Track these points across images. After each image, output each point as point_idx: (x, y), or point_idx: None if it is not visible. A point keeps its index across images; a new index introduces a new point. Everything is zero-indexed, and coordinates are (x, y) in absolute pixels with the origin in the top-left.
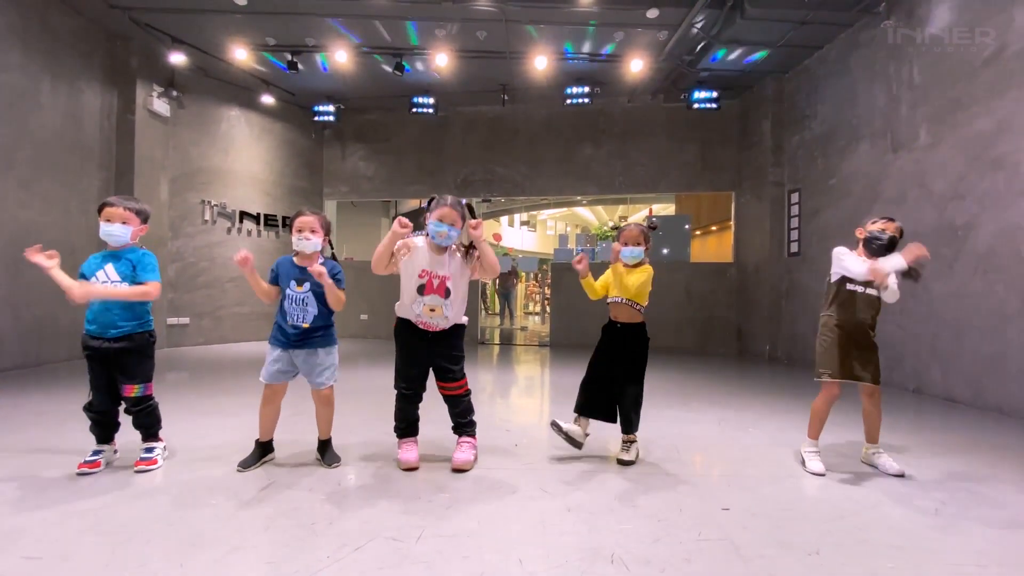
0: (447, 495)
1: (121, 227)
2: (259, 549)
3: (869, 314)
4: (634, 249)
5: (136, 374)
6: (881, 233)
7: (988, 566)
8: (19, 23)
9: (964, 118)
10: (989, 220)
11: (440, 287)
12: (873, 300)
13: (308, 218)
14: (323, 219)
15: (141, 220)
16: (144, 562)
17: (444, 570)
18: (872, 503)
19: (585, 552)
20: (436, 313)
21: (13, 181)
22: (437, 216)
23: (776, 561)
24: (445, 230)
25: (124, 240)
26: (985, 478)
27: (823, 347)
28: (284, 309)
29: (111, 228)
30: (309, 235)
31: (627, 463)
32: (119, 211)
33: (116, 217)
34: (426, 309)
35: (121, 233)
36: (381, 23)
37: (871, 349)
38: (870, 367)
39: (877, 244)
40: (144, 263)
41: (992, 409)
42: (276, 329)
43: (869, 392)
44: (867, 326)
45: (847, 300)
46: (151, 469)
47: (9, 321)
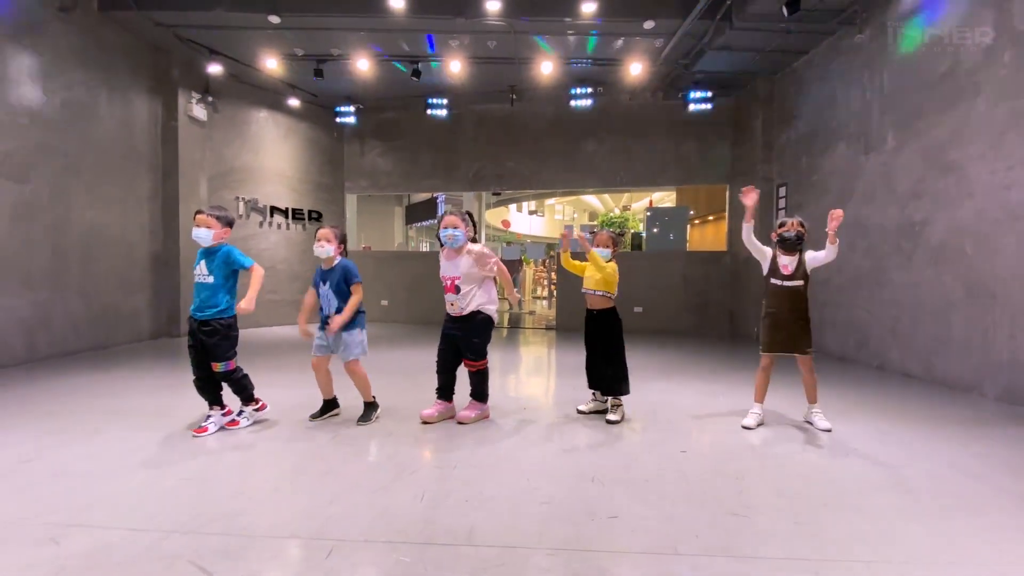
0: (472, 441)
1: (205, 231)
2: (343, 474)
3: (792, 302)
4: (603, 250)
5: (218, 355)
6: (788, 232)
7: (863, 487)
8: (79, 44)
9: (924, 126)
10: (941, 218)
11: (452, 286)
12: (791, 290)
13: (325, 230)
14: (338, 231)
15: (223, 224)
16: (268, 479)
17: (477, 485)
18: (800, 447)
19: (574, 476)
20: (453, 307)
21: (82, 186)
22: (443, 225)
23: (712, 483)
24: (451, 232)
25: (208, 240)
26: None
27: (763, 327)
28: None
29: (197, 231)
30: (324, 244)
31: (613, 422)
32: (203, 217)
33: (201, 223)
34: (447, 304)
35: (204, 235)
36: (400, 35)
37: (799, 327)
38: (799, 342)
39: (790, 240)
40: (233, 257)
41: (939, 383)
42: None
43: (801, 361)
44: (789, 310)
45: (771, 292)
46: (236, 429)
47: (82, 309)
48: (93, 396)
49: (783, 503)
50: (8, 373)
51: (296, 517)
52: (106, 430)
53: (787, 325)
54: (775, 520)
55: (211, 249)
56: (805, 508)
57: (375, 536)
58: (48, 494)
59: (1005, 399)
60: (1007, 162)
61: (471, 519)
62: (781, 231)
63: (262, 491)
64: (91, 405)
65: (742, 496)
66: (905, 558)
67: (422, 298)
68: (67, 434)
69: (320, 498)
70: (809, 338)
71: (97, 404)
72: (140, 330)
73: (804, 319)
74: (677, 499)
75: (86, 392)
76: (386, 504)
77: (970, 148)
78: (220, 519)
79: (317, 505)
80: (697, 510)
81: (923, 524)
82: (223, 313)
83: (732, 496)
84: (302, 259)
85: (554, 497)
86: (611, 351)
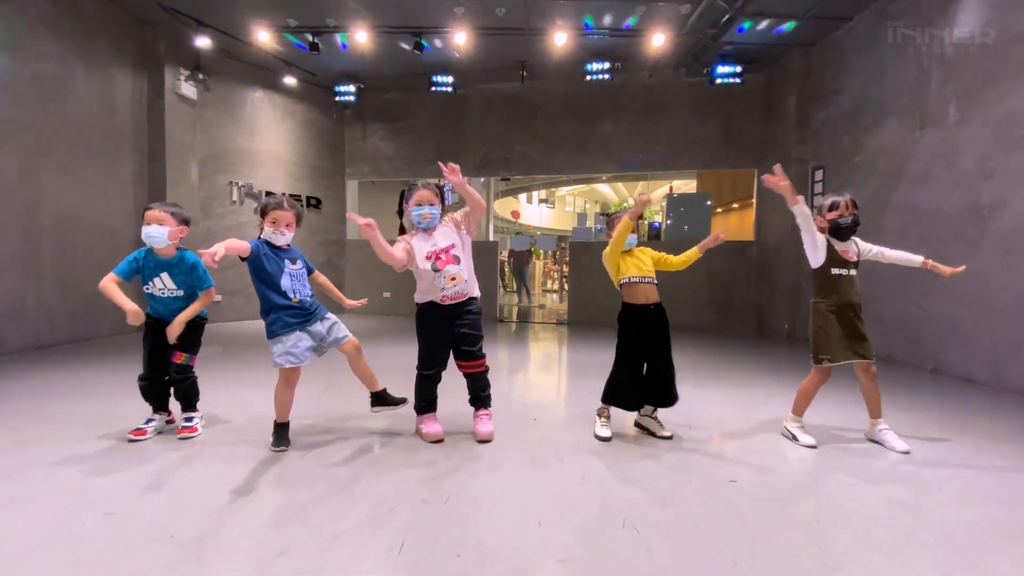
0: (471, 463)
1: (157, 228)
2: (306, 507)
3: (856, 294)
4: (632, 236)
5: (186, 345)
6: (843, 218)
7: (980, 536)
8: (53, 11)
9: (995, 95)
10: (1016, 201)
11: (449, 257)
12: (856, 280)
13: (155, 210)
14: (177, 211)
15: (178, 221)
16: (204, 517)
17: (471, 529)
18: (873, 478)
19: (599, 517)
20: (457, 281)
21: (54, 166)
22: (415, 202)
23: (777, 528)
24: (426, 210)
25: (162, 241)
26: (990, 457)
27: (819, 332)
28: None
29: (148, 229)
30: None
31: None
32: (155, 213)
33: (152, 219)
34: (447, 280)
35: (158, 234)
36: (401, 2)
37: (861, 327)
38: (865, 344)
39: (846, 227)
40: (197, 275)
41: (1011, 390)
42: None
43: (865, 368)
44: (856, 306)
45: (833, 284)
46: (193, 436)
47: (59, 299)
48: (41, 399)
49: (878, 560)
50: None
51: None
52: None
53: (852, 324)
54: None
55: (169, 261)
56: (906, 565)
57: None
58: None
59: None
60: None
61: None
62: (834, 216)
63: (192, 533)
64: (38, 413)
65: (822, 549)
66: None
67: None
68: None
69: (269, 546)
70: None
71: (44, 412)
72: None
73: (862, 316)
74: (739, 554)
75: (42, 394)
76: (352, 556)
77: None
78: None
79: (264, 559)
80: (768, 571)
81: None
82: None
83: (810, 548)
84: (300, 247)
85: (573, 550)
86: (668, 349)
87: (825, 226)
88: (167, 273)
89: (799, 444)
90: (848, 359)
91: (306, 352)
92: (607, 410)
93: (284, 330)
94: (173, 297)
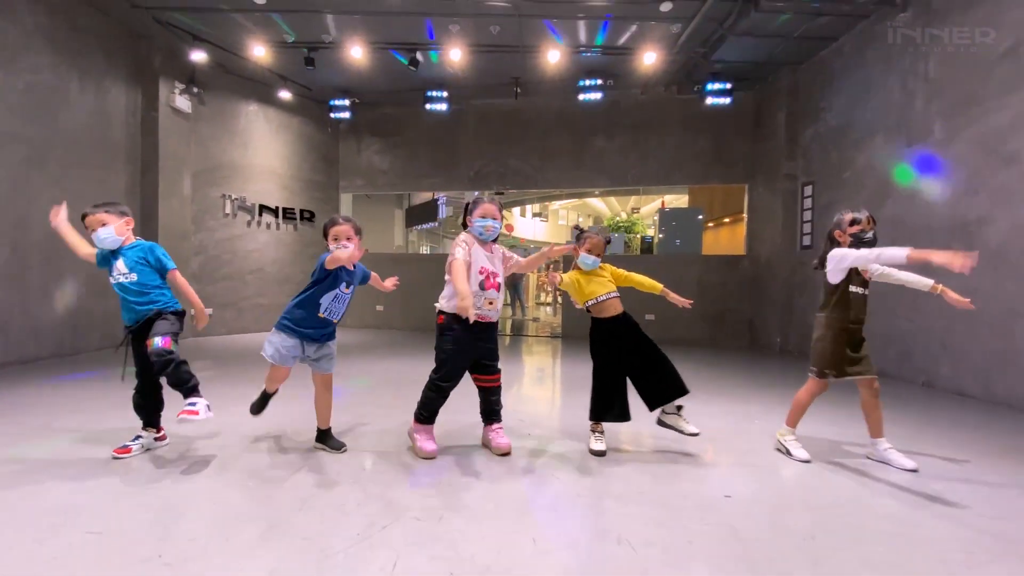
0: (465, 479)
1: (104, 229)
2: (296, 526)
3: (864, 312)
4: (593, 259)
5: (155, 331)
6: (866, 233)
7: (975, 553)
8: (47, 23)
9: (979, 113)
10: (1002, 216)
11: (495, 283)
12: (866, 299)
13: (343, 227)
14: (355, 225)
15: (118, 214)
16: (193, 536)
17: (465, 548)
18: (870, 493)
19: (594, 534)
20: (493, 306)
21: (46, 179)
22: (480, 214)
23: (773, 544)
24: (490, 223)
25: (115, 241)
26: (984, 472)
27: (827, 347)
28: (319, 304)
29: (96, 234)
30: (346, 243)
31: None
32: (95, 217)
33: (95, 223)
34: (486, 302)
35: (107, 235)
36: (396, 19)
37: (864, 344)
38: (867, 361)
39: (869, 242)
40: (158, 255)
41: (1001, 403)
42: (299, 319)
43: (868, 384)
44: (862, 324)
45: (850, 302)
46: (193, 420)
47: (47, 312)
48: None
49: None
50: None
51: None
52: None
53: (857, 341)
54: None
55: (121, 249)
56: None
57: None
58: None
59: None
60: None
61: None
62: (855, 230)
63: (182, 554)
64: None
65: (817, 564)
66: None
67: (418, 304)
68: None
69: (259, 565)
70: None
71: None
72: (114, 335)
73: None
74: (736, 572)
75: (23, 407)
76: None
77: None
78: None
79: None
80: None
81: None
82: (168, 305)
83: (805, 565)
84: (293, 260)
85: (569, 568)
86: (654, 345)
87: (847, 241)
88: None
89: (793, 459)
90: (852, 375)
91: (290, 358)
92: (600, 425)
93: (287, 331)
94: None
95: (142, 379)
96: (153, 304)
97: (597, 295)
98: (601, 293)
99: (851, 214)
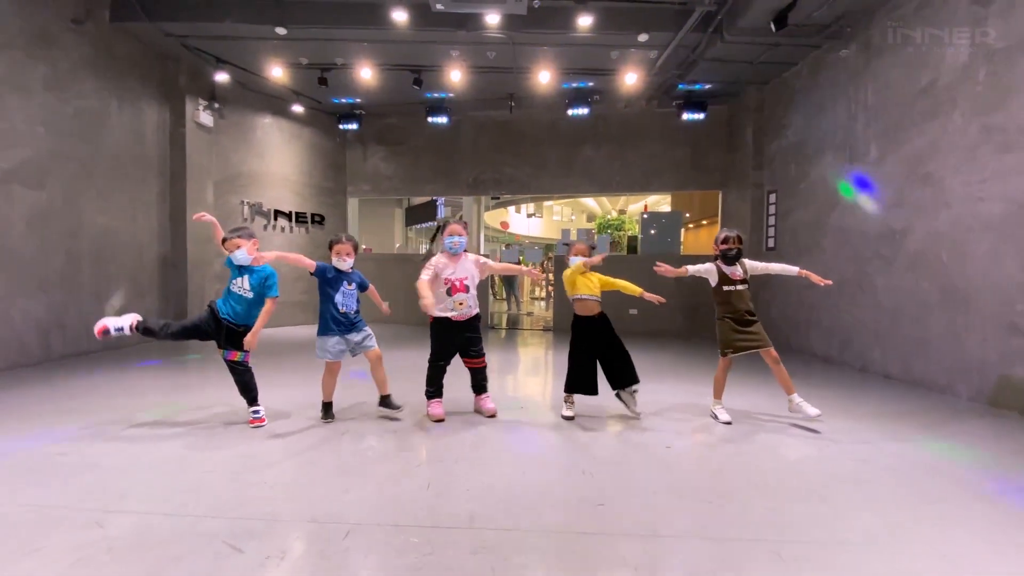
0: (471, 435)
1: (241, 252)
2: (354, 467)
3: (747, 302)
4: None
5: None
6: (730, 250)
7: (837, 473)
8: (91, 54)
9: (904, 137)
10: (919, 226)
11: (461, 286)
12: (742, 293)
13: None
14: (354, 243)
15: (247, 237)
16: (287, 471)
17: (477, 476)
18: (767, 445)
19: (567, 468)
20: (463, 305)
21: (94, 192)
22: (448, 233)
23: (692, 474)
24: (457, 240)
25: (247, 259)
26: (871, 428)
27: (720, 333)
28: (336, 304)
29: (235, 255)
30: (346, 257)
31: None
32: (234, 241)
33: (232, 246)
34: (456, 304)
35: (243, 257)
36: (404, 47)
37: (753, 322)
38: (757, 336)
39: (731, 257)
40: (270, 284)
41: (917, 383)
42: (328, 321)
43: (767, 353)
44: (745, 311)
45: (725, 297)
46: (262, 426)
47: (95, 311)
48: (111, 395)
49: (754, 492)
50: (26, 372)
51: (314, 504)
52: (127, 427)
53: (748, 324)
54: (745, 507)
55: (251, 267)
56: (773, 497)
57: (386, 520)
58: (85, 484)
59: (977, 399)
60: (980, 175)
61: (472, 506)
62: (723, 247)
63: (281, 482)
64: (110, 404)
65: (718, 487)
66: (858, 541)
67: None
68: (92, 430)
69: (335, 488)
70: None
71: (117, 403)
72: None
73: (755, 317)
74: (659, 490)
75: (103, 391)
76: (395, 493)
77: (946, 160)
78: (245, 505)
79: (333, 493)
80: (676, 499)
81: (878, 512)
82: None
83: (709, 487)
84: None
85: (548, 487)
86: (619, 342)
87: (717, 253)
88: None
89: (719, 421)
90: (745, 350)
91: (340, 352)
92: (572, 397)
93: (326, 332)
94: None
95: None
96: (250, 319)
97: (580, 293)
98: (584, 292)
99: (724, 233)
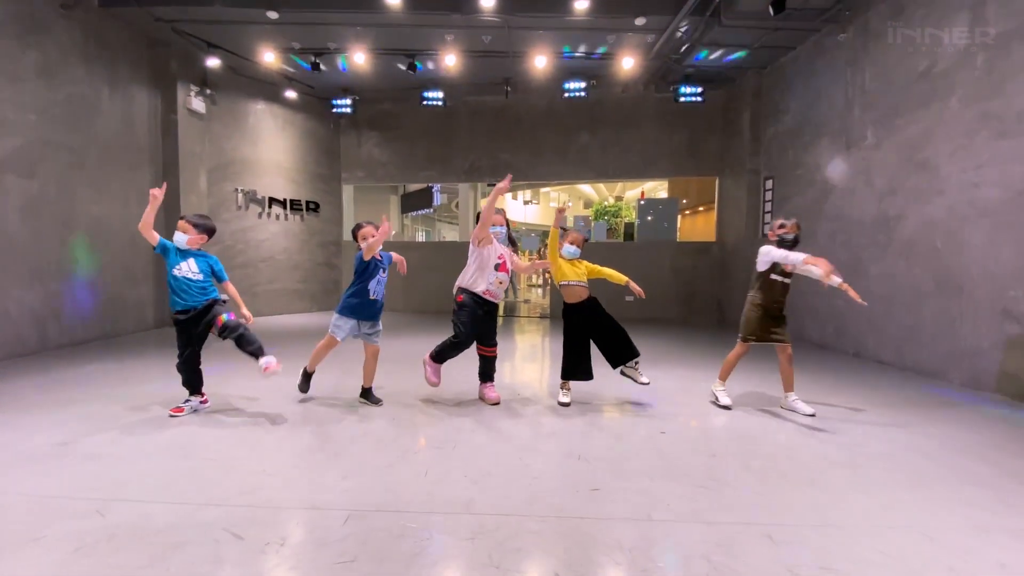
0: (468, 422)
1: (181, 236)
2: (352, 454)
3: (783, 295)
4: (574, 249)
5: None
6: (788, 234)
7: (836, 463)
8: (81, 40)
9: (900, 124)
10: (913, 213)
11: (505, 267)
12: (786, 285)
13: (368, 228)
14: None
15: (198, 232)
16: (285, 459)
17: (474, 463)
18: (761, 431)
19: (562, 454)
20: (503, 285)
21: (85, 180)
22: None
23: (687, 460)
24: (499, 230)
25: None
26: (870, 416)
27: (750, 318)
28: (369, 290)
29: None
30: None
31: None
32: (183, 224)
33: (181, 227)
34: (497, 281)
35: (180, 240)
36: (397, 31)
37: (783, 319)
38: (783, 332)
39: (789, 242)
40: (220, 268)
41: (909, 369)
42: (355, 305)
43: (783, 349)
44: (781, 304)
45: (769, 285)
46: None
47: (90, 300)
48: (108, 385)
49: (747, 476)
50: (24, 362)
51: (313, 491)
52: (125, 417)
53: (776, 317)
54: (738, 491)
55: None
56: (766, 481)
57: (385, 506)
58: (85, 474)
59: (969, 385)
60: (976, 161)
61: (470, 492)
62: (781, 232)
63: (279, 469)
64: (109, 393)
65: (712, 471)
66: (849, 524)
67: (418, 288)
68: (91, 420)
69: (333, 474)
70: (787, 329)
71: (115, 392)
72: (145, 319)
73: (785, 314)
74: (654, 474)
75: (101, 381)
76: (393, 479)
77: (942, 146)
78: (245, 493)
79: (331, 480)
80: (671, 483)
81: (870, 495)
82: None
83: (703, 471)
84: (301, 249)
85: (543, 472)
86: (611, 319)
87: (775, 239)
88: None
89: (719, 404)
90: (767, 341)
91: (350, 335)
92: (568, 384)
93: (347, 314)
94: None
95: (190, 354)
96: (209, 295)
97: (568, 279)
98: (572, 278)
99: (782, 220)
